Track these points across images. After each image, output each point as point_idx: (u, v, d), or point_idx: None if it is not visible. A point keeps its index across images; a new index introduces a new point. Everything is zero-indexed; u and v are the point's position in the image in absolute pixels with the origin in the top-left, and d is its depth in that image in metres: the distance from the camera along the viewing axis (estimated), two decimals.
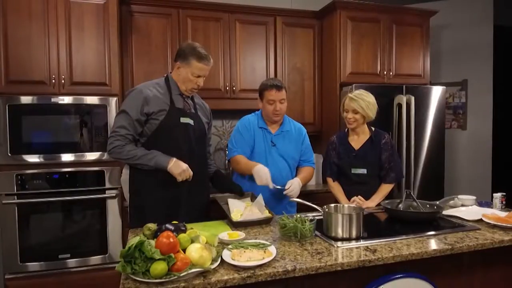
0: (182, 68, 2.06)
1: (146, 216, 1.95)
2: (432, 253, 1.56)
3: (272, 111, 2.33)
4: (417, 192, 3.43)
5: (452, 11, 4.08)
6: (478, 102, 4.12)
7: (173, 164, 1.95)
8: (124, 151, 1.97)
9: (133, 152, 1.98)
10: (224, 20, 3.34)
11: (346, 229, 1.69)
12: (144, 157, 1.97)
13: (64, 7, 2.71)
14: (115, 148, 1.98)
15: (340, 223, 1.70)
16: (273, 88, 2.30)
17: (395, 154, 2.41)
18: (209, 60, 2.08)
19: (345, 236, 1.69)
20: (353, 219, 1.70)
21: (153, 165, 1.97)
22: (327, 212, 1.77)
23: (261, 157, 2.36)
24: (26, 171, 2.66)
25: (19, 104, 2.63)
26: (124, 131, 1.98)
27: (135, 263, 1.25)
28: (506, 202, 2.25)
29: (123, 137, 1.98)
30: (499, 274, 1.83)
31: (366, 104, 2.28)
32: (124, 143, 1.98)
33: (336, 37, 3.41)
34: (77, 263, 2.77)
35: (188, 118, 2.11)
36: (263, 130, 2.41)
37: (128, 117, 1.98)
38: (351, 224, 1.69)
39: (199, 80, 2.09)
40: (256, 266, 1.35)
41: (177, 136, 2.05)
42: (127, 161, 2.01)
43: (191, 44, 2.12)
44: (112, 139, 1.99)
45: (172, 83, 2.12)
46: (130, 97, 2.03)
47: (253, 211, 1.97)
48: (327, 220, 1.75)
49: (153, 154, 1.98)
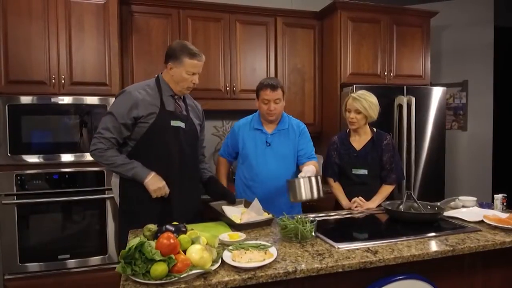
0: (175, 69, 2.01)
1: (135, 220, 1.90)
2: (433, 255, 1.55)
3: (266, 110, 2.31)
4: (417, 193, 3.43)
5: (453, 12, 4.08)
6: (479, 103, 4.11)
7: (151, 179, 1.93)
8: (105, 156, 1.94)
9: (113, 159, 1.94)
10: (224, 20, 3.34)
11: (308, 192, 1.95)
12: (123, 166, 1.94)
13: (64, 7, 2.71)
14: (96, 150, 1.94)
15: (303, 186, 1.95)
16: (268, 88, 2.26)
17: (397, 155, 2.40)
18: (201, 56, 2.03)
19: (307, 198, 1.95)
20: (312, 181, 1.96)
21: (131, 176, 1.94)
22: (288, 181, 2.02)
23: (253, 158, 2.36)
24: (26, 171, 2.65)
25: (19, 104, 2.62)
26: (108, 134, 1.94)
27: (135, 264, 1.24)
28: (507, 204, 2.24)
29: (106, 140, 1.94)
30: (500, 275, 1.83)
31: (368, 104, 2.27)
32: (107, 147, 1.94)
33: (337, 37, 3.41)
34: (76, 264, 2.76)
35: (179, 121, 2.05)
36: (257, 131, 2.39)
37: (114, 120, 1.94)
38: (311, 186, 1.95)
39: (194, 77, 2.04)
40: (257, 267, 1.35)
41: (167, 140, 2.00)
42: (107, 166, 1.98)
43: (180, 42, 2.08)
44: (95, 140, 1.95)
45: (163, 85, 2.06)
46: (119, 100, 1.99)
47: (251, 215, 1.96)
48: (290, 188, 1.99)
49: (132, 165, 1.94)
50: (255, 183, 2.36)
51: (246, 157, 2.39)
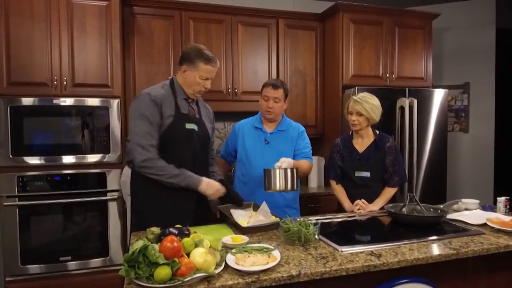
0: (189, 72, 2.02)
1: (147, 220, 1.87)
2: (437, 258, 1.55)
3: (264, 107, 2.40)
4: (419, 195, 3.41)
5: (455, 14, 4.08)
6: (480, 105, 4.11)
7: (205, 186, 1.97)
8: (156, 166, 1.89)
9: (166, 169, 1.90)
10: (226, 22, 3.34)
11: (282, 183, 2.02)
12: (177, 176, 1.92)
13: (66, 8, 2.71)
14: (147, 161, 1.88)
15: (278, 177, 2.02)
16: (270, 86, 2.37)
17: (399, 158, 2.40)
18: (216, 62, 2.04)
19: (281, 188, 2.02)
20: (287, 173, 2.02)
21: (184, 186, 1.94)
22: (264, 170, 2.08)
23: (251, 155, 2.42)
24: (27, 173, 2.64)
25: (20, 105, 2.62)
26: (150, 140, 1.89)
27: (139, 268, 1.24)
28: (510, 206, 2.23)
29: (151, 146, 1.89)
30: (504, 279, 1.82)
31: (370, 106, 2.27)
32: (157, 157, 1.90)
33: (339, 39, 3.41)
34: (78, 266, 2.75)
35: (193, 124, 2.07)
36: (257, 129, 2.47)
37: (148, 124, 1.90)
38: (286, 177, 2.01)
39: (207, 82, 2.05)
40: (260, 271, 1.34)
41: (181, 142, 2.00)
42: (156, 176, 1.91)
43: (197, 46, 2.07)
44: (138, 149, 1.88)
45: (177, 87, 2.07)
46: (143, 101, 1.94)
47: (259, 218, 1.95)
48: (265, 177, 2.04)
49: (184, 174, 1.94)
50: (251, 180, 2.39)
51: (244, 154, 2.45)
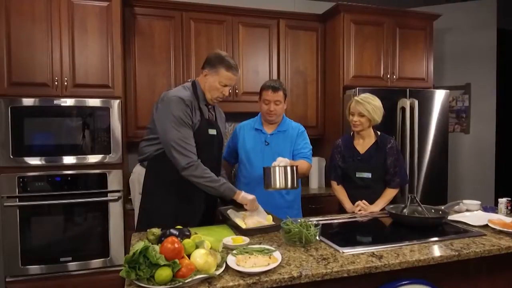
0: (210, 76, 2.02)
1: (155, 220, 1.86)
2: (438, 260, 1.54)
3: (266, 110, 2.39)
4: (420, 196, 3.41)
5: (456, 15, 4.07)
6: (482, 106, 4.10)
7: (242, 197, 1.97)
8: (199, 169, 1.89)
9: (208, 173, 1.91)
10: (227, 22, 3.33)
11: (282, 181, 1.97)
12: (216, 181, 1.92)
13: (67, 9, 2.71)
14: (191, 164, 1.87)
15: (278, 175, 1.97)
16: (269, 89, 2.35)
17: (401, 159, 2.39)
18: (237, 70, 2.05)
19: (281, 186, 1.97)
20: (287, 171, 1.98)
21: (222, 192, 1.94)
22: (264, 168, 2.03)
23: (251, 156, 2.43)
24: (28, 174, 2.64)
25: (21, 106, 2.62)
26: (192, 144, 1.90)
27: (139, 269, 1.23)
28: (511, 207, 2.23)
29: (193, 151, 1.90)
30: (505, 280, 1.81)
31: (372, 107, 2.27)
32: (199, 161, 1.90)
33: (340, 40, 3.40)
34: (78, 267, 2.75)
35: (214, 130, 2.09)
36: (257, 131, 2.47)
37: (188, 127, 1.90)
38: (286, 175, 1.97)
39: (226, 89, 2.04)
40: (261, 272, 1.34)
41: (203, 147, 1.99)
42: (198, 179, 1.90)
43: (220, 53, 2.08)
44: (185, 151, 1.87)
45: (199, 92, 2.06)
46: (179, 106, 1.90)
47: (253, 218, 1.95)
48: (264, 175, 2.01)
49: (222, 181, 1.95)
50: (252, 181, 2.39)
51: (245, 156, 2.45)
